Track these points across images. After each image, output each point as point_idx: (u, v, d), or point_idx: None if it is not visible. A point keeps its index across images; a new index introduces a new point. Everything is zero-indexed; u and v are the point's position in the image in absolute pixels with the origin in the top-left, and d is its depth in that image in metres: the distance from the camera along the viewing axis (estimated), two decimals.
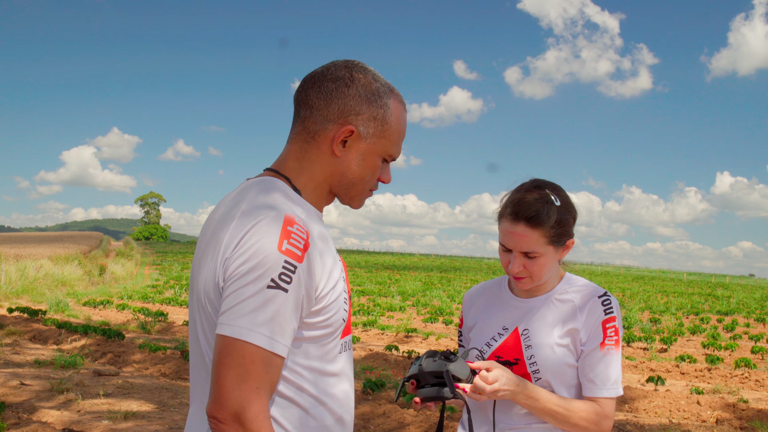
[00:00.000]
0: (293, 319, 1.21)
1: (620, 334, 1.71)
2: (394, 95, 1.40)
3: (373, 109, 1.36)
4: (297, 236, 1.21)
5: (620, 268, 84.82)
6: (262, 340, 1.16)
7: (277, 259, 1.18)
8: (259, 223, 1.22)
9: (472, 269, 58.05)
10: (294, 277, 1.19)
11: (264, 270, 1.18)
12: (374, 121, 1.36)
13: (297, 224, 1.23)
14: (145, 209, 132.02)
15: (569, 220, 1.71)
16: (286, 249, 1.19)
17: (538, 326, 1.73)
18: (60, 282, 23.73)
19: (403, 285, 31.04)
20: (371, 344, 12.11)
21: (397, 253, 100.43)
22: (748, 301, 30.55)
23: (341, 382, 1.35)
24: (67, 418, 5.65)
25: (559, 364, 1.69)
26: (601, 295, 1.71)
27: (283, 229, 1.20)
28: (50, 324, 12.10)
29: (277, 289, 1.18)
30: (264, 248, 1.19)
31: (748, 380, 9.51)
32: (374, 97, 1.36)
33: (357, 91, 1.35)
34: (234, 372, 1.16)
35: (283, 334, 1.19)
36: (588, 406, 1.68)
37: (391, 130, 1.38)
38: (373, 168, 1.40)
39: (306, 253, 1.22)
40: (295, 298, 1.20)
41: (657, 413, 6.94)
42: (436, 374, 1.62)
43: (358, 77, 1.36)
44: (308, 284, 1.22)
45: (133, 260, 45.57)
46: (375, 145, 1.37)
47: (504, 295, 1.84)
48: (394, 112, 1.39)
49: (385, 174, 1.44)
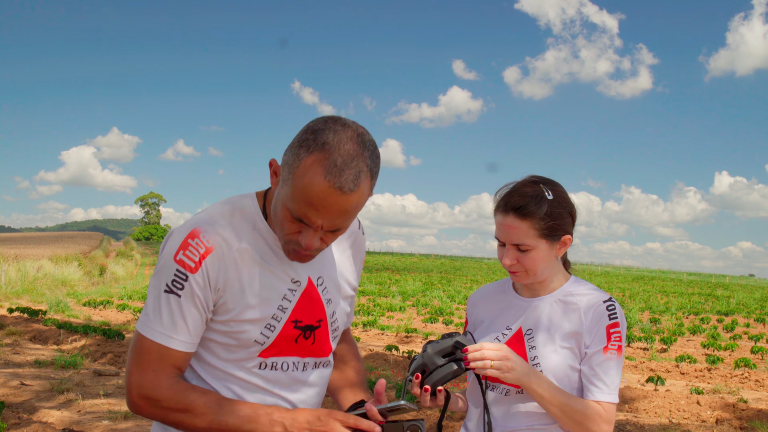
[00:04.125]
0: (191, 318, 1.35)
1: (623, 341, 1.69)
2: (321, 155, 1.24)
3: (290, 153, 1.29)
4: (194, 248, 1.34)
5: (620, 268, 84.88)
6: (156, 335, 1.35)
7: (170, 267, 1.34)
8: (175, 233, 1.37)
9: (472, 269, 58.06)
10: (186, 285, 1.33)
11: (161, 275, 1.35)
12: (286, 165, 1.30)
13: (198, 238, 1.34)
14: (145, 209, 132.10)
15: (563, 215, 1.70)
16: (179, 259, 1.33)
17: (543, 327, 1.73)
18: (60, 282, 23.76)
19: (403, 285, 31.05)
20: (371, 344, 12.12)
21: (397, 254, 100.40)
22: (747, 301, 30.56)
23: (255, 393, 1.42)
24: (67, 418, 5.66)
25: (562, 367, 1.69)
26: (606, 300, 1.70)
27: (184, 240, 1.34)
28: (50, 324, 12.11)
29: (170, 293, 1.34)
30: (165, 255, 1.36)
31: (747, 380, 9.52)
32: (296, 144, 1.28)
33: (298, 133, 1.31)
34: (135, 360, 1.36)
35: (177, 331, 1.35)
36: (584, 404, 1.66)
37: (294, 182, 1.26)
38: (282, 215, 1.32)
39: (203, 264, 1.33)
40: (190, 302, 1.34)
41: (657, 413, 6.95)
42: (444, 353, 1.62)
43: (310, 124, 1.30)
44: (204, 293, 1.35)
45: (133, 260, 45.63)
46: (281, 189, 1.31)
47: (508, 295, 1.83)
48: (303, 169, 1.25)
49: (303, 236, 1.32)
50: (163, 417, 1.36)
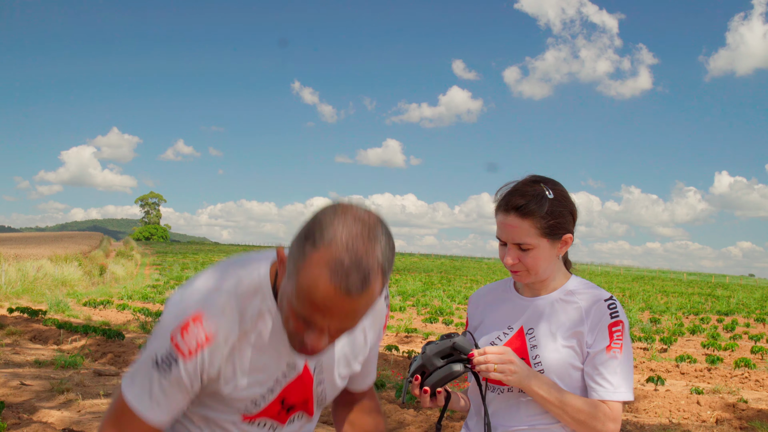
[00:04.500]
0: (174, 400, 1.29)
1: (627, 339, 1.68)
2: (327, 254, 1.10)
3: (296, 246, 1.15)
4: (193, 335, 1.25)
5: (620, 268, 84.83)
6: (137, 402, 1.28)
7: (166, 341, 1.25)
8: (182, 302, 1.28)
9: (472, 269, 58.07)
10: (174, 369, 1.25)
11: (157, 341, 1.27)
12: (291, 259, 1.16)
13: (201, 325, 1.25)
14: (145, 209, 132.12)
15: (564, 213, 1.70)
16: (176, 342, 1.25)
17: (544, 326, 1.73)
18: (60, 282, 23.74)
19: (403, 285, 31.05)
20: None
21: (396, 254, 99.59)
22: (748, 301, 30.58)
23: None
24: (67, 418, 5.66)
25: (563, 365, 1.68)
26: (607, 299, 1.70)
27: (187, 322, 1.25)
28: (50, 324, 12.11)
29: (157, 371, 1.26)
30: (165, 324, 1.27)
31: (748, 380, 9.52)
32: (303, 236, 1.14)
33: (306, 223, 1.16)
34: (112, 419, 1.31)
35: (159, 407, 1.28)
36: (589, 404, 1.65)
37: (298, 280, 1.13)
38: (287, 311, 1.20)
39: (198, 354, 1.25)
40: (176, 387, 1.27)
41: (657, 413, 6.95)
42: (443, 354, 1.62)
43: (318, 214, 1.15)
44: (192, 379, 1.28)
45: (133, 260, 45.62)
46: (287, 284, 1.18)
47: (510, 294, 1.83)
48: (307, 267, 1.11)
49: (308, 337, 1.20)
50: None
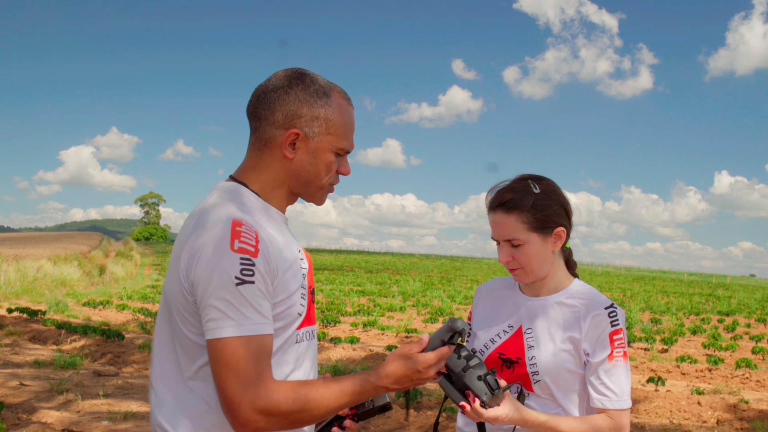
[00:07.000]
0: (266, 302, 1.32)
1: (626, 346, 1.68)
2: (335, 93, 1.47)
3: (314, 109, 1.44)
4: (246, 234, 1.31)
5: (620, 268, 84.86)
6: (250, 330, 1.28)
7: (230, 259, 1.28)
8: (210, 232, 1.31)
9: (472, 269, 58.07)
10: (255, 269, 1.30)
11: (222, 273, 1.28)
12: (317, 120, 1.44)
13: (245, 224, 1.33)
14: (144, 209, 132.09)
15: (551, 206, 1.69)
16: (239, 247, 1.29)
17: (542, 327, 1.72)
18: (59, 282, 23.73)
19: (403, 285, 31.05)
20: (371, 344, 12.09)
21: (397, 254, 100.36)
22: (748, 301, 30.54)
23: (294, 372, 1.43)
24: (66, 418, 5.65)
25: (558, 368, 1.68)
26: (608, 306, 1.69)
27: (233, 230, 1.31)
28: (50, 324, 12.10)
29: (243, 284, 1.28)
30: (214, 253, 1.29)
31: (749, 381, 9.50)
32: (313, 99, 1.44)
33: (296, 96, 1.43)
34: (234, 374, 1.26)
35: (264, 316, 1.31)
36: (603, 421, 1.64)
37: (335, 126, 1.46)
38: (326, 164, 1.47)
39: (260, 247, 1.32)
40: (263, 286, 1.31)
41: (658, 414, 6.94)
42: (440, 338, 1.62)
43: (296, 83, 1.44)
44: (267, 275, 1.33)
45: (132, 260, 45.65)
46: (323, 142, 1.45)
47: (513, 292, 1.83)
48: (336, 109, 1.46)
49: (343, 166, 1.52)
50: (282, 424, 1.30)
